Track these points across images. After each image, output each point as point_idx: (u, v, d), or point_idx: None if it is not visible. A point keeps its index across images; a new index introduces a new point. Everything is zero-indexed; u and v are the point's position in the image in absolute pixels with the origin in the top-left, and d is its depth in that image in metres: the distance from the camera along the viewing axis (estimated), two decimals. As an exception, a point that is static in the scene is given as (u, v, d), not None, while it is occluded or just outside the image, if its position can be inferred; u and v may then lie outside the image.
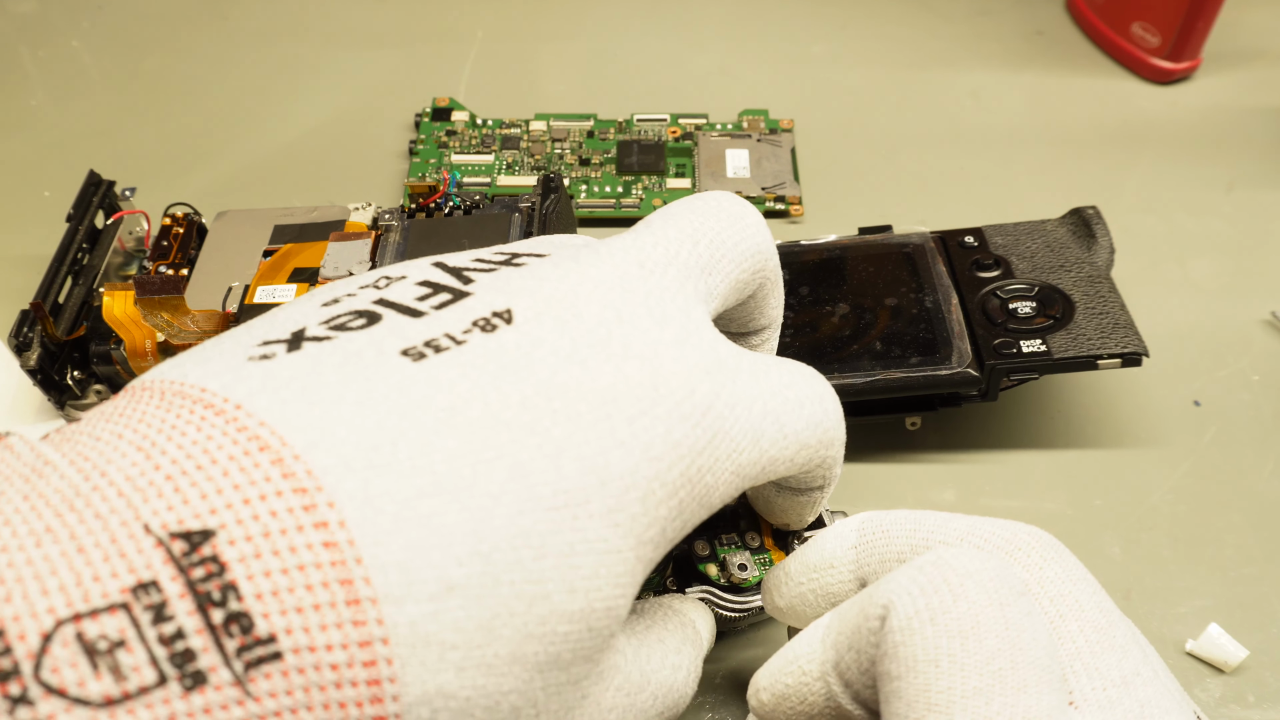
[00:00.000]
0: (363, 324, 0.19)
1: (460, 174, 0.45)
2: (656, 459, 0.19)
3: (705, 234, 0.22)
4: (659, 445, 0.19)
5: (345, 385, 0.17)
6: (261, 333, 0.19)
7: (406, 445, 0.17)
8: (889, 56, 0.53)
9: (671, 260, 0.22)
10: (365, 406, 0.17)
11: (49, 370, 0.35)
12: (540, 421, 0.18)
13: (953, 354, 0.34)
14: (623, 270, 0.21)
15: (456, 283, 0.21)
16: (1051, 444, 0.36)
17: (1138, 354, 0.32)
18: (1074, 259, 0.36)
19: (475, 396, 0.18)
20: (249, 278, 0.36)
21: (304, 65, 0.53)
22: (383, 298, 0.20)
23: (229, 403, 0.16)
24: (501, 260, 0.22)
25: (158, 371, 0.18)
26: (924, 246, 0.37)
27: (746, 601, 0.28)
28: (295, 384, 0.17)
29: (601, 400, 0.18)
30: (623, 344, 0.19)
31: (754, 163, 0.46)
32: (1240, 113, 0.49)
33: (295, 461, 0.16)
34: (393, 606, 0.15)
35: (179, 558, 0.15)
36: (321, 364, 0.18)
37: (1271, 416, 0.37)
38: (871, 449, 0.36)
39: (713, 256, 0.22)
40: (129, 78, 0.52)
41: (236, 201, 0.41)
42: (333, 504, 0.15)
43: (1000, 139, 0.49)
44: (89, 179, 0.39)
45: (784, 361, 0.23)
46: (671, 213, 0.23)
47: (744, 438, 0.21)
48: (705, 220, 0.23)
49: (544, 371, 0.18)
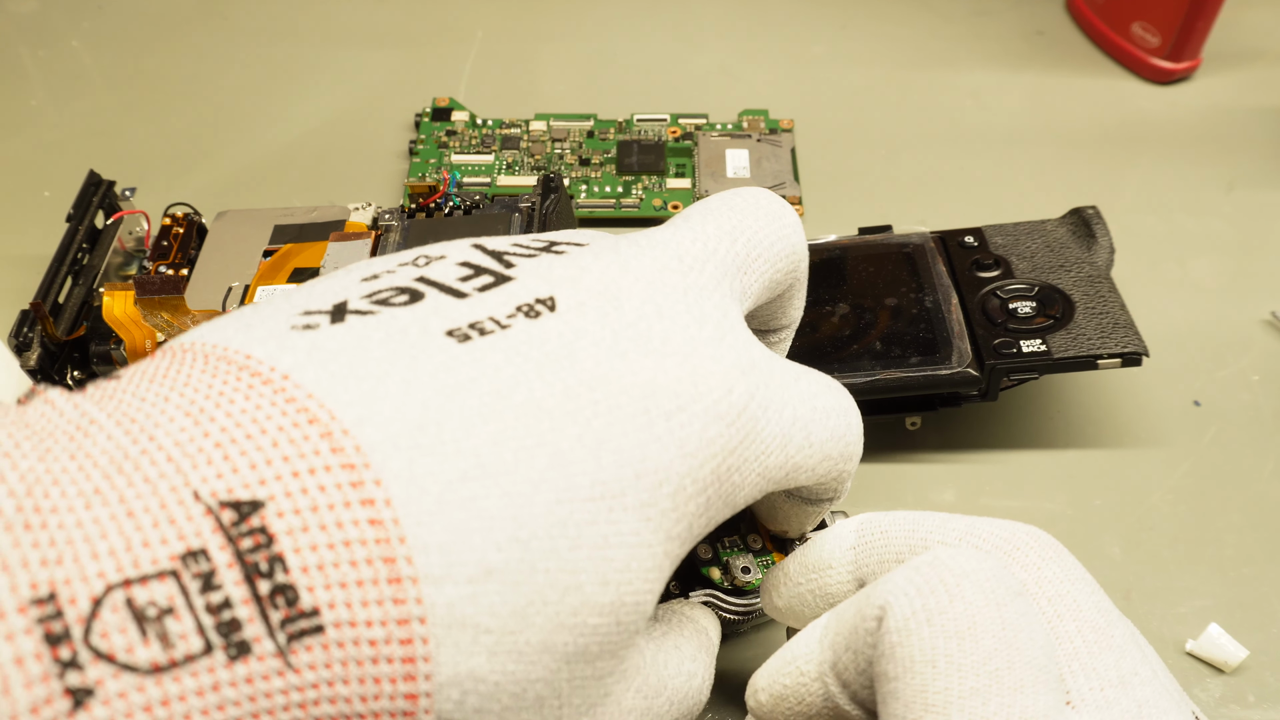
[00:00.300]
0: (405, 300, 0.19)
1: (460, 174, 0.45)
2: (690, 455, 0.19)
3: (743, 232, 0.23)
4: (694, 442, 0.19)
5: (391, 361, 0.17)
6: (302, 302, 0.19)
7: (451, 427, 0.17)
8: (889, 56, 0.53)
9: (710, 257, 0.22)
10: (411, 385, 0.17)
11: (49, 370, 0.35)
12: (582, 412, 0.18)
13: (953, 354, 0.34)
14: (662, 264, 0.21)
15: (498, 266, 0.21)
16: (1051, 444, 0.36)
17: (1138, 354, 0.32)
18: (1074, 259, 0.36)
19: (519, 382, 0.18)
20: (249, 278, 0.36)
21: (304, 65, 0.53)
22: (424, 276, 0.20)
23: (275, 371, 0.16)
24: (541, 246, 0.22)
25: (198, 334, 0.18)
26: (924, 246, 0.37)
27: (749, 604, 0.28)
28: (342, 357, 0.17)
29: (641, 394, 0.19)
30: (662, 339, 0.20)
31: (754, 163, 0.46)
32: (1240, 113, 0.49)
33: (344, 436, 0.16)
34: (432, 587, 0.16)
35: (228, 527, 0.15)
36: (367, 338, 0.18)
37: (1271, 416, 0.37)
38: (871, 449, 0.36)
39: (749, 255, 0.22)
40: (129, 78, 0.52)
41: (236, 201, 0.41)
42: (379, 482, 0.16)
43: (1000, 139, 0.49)
44: (89, 179, 0.39)
45: (810, 371, 0.23)
46: (710, 208, 0.23)
47: (773, 441, 0.21)
48: (744, 218, 0.23)
49: (587, 362, 0.19)
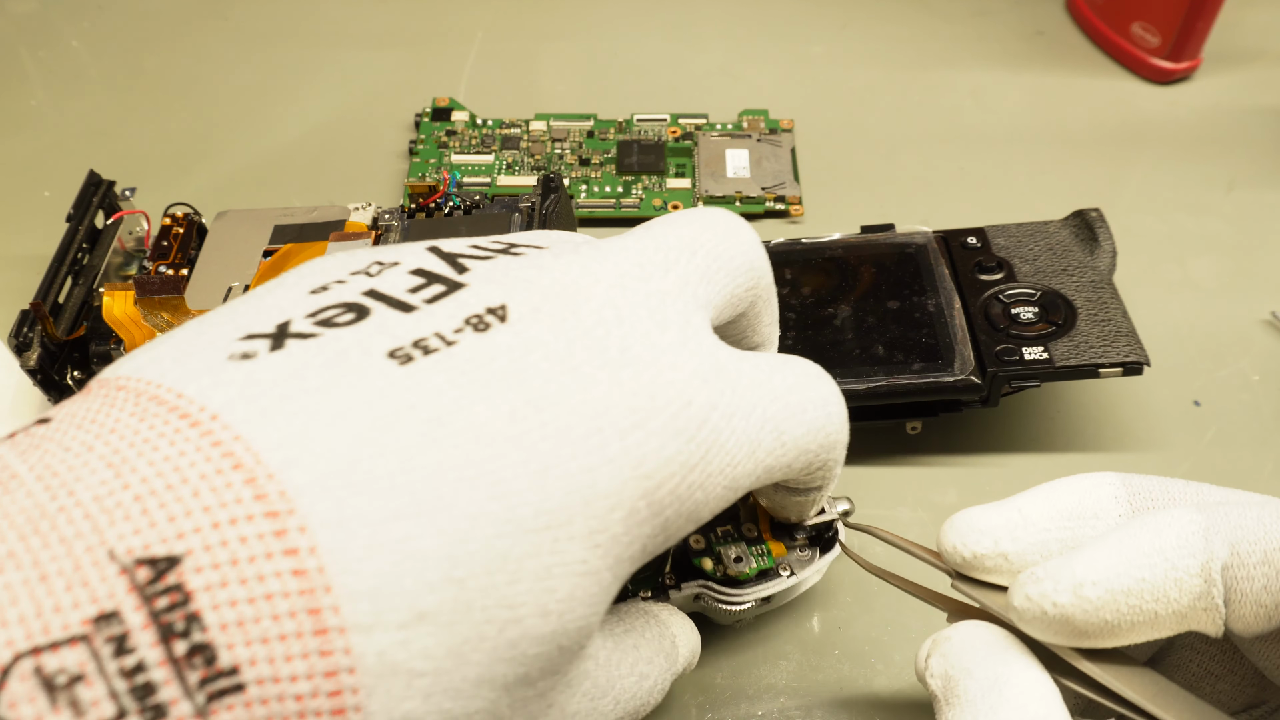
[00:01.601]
0: (350, 319, 0.18)
1: (460, 174, 0.45)
2: (646, 477, 0.18)
3: (703, 245, 0.22)
4: (650, 462, 0.18)
5: (326, 392, 0.17)
6: (246, 322, 0.18)
7: (385, 461, 0.16)
8: (889, 56, 0.53)
9: (671, 266, 0.21)
10: (346, 418, 0.16)
11: (49, 370, 0.35)
12: (528, 435, 0.17)
13: (955, 360, 0.33)
14: (623, 269, 0.21)
15: (451, 271, 0.20)
16: (1052, 447, 0.36)
17: (1139, 363, 0.32)
18: (1076, 263, 0.36)
19: (461, 407, 0.17)
20: (249, 278, 0.36)
21: (304, 65, 0.53)
22: (373, 288, 0.19)
23: (205, 412, 0.16)
24: (499, 248, 0.21)
25: (134, 364, 0.17)
26: (927, 247, 0.37)
27: (744, 594, 0.28)
28: (275, 390, 0.16)
29: (594, 412, 0.18)
30: (620, 347, 0.19)
31: (754, 163, 0.46)
32: (1240, 113, 0.49)
33: (269, 481, 0.15)
34: (361, 636, 0.15)
35: (143, 586, 0.14)
36: (305, 366, 0.17)
37: (1271, 416, 0.37)
38: (872, 452, 0.36)
39: (709, 267, 0.22)
40: (129, 78, 0.52)
41: (236, 201, 0.41)
42: (304, 529, 0.15)
43: (1000, 139, 0.49)
44: (89, 179, 0.39)
45: (789, 361, 0.23)
46: (669, 222, 0.23)
47: (740, 450, 0.20)
48: (702, 232, 0.22)
49: (536, 380, 0.18)
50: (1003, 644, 0.21)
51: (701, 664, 0.31)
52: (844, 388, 0.33)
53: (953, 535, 0.22)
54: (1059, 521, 0.22)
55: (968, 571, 0.23)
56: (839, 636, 0.31)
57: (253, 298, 0.20)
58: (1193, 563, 0.19)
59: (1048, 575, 0.20)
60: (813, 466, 0.23)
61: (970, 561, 0.22)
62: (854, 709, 0.30)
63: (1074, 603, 0.19)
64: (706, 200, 0.44)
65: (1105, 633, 0.19)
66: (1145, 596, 0.19)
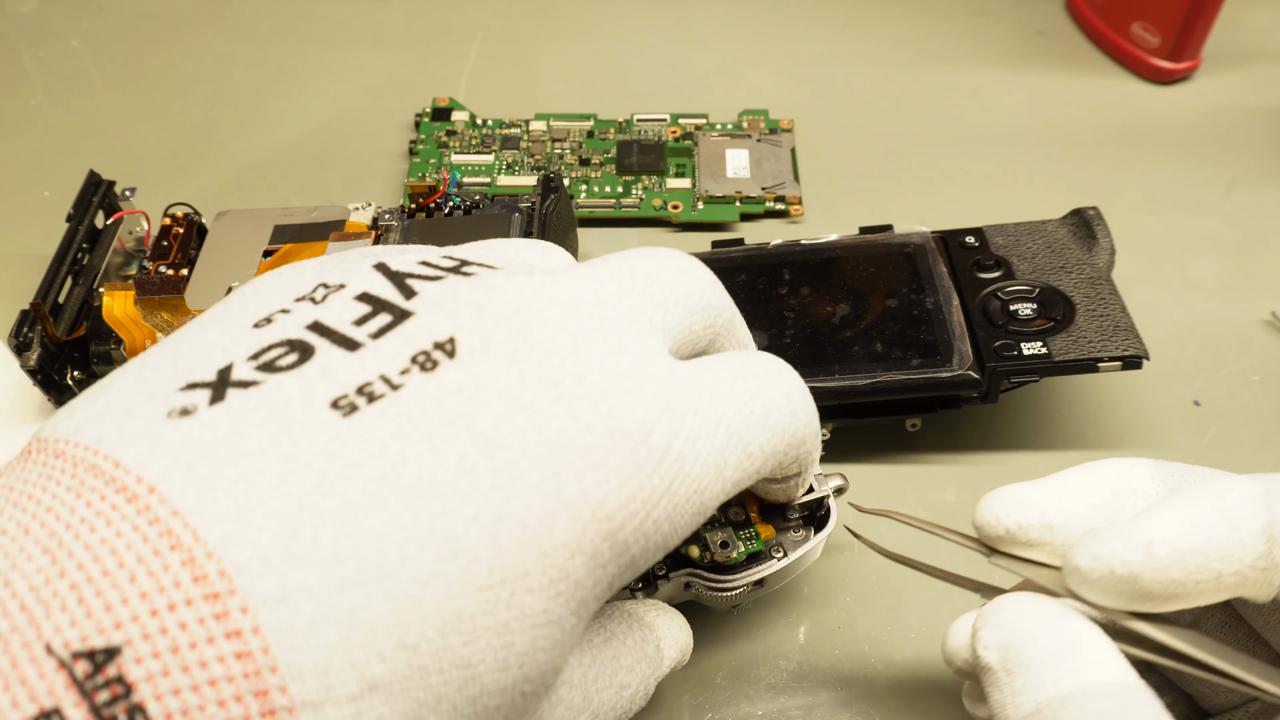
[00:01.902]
0: (293, 361, 0.18)
1: (460, 174, 0.45)
2: (607, 519, 0.17)
3: (659, 277, 0.21)
4: (611, 502, 0.17)
5: (267, 454, 0.16)
6: (187, 366, 0.18)
7: (329, 528, 0.15)
8: (889, 56, 0.53)
9: (626, 293, 0.20)
10: (288, 482, 0.16)
11: (49, 370, 0.35)
12: (478, 487, 0.16)
13: (953, 356, 0.34)
14: (577, 294, 0.20)
15: (398, 297, 0.19)
16: (1052, 445, 0.36)
17: (1138, 357, 0.32)
18: (1075, 260, 0.36)
19: (408, 459, 0.16)
20: (249, 278, 0.36)
21: (304, 65, 0.53)
22: (317, 320, 0.18)
23: (142, 484, 0.15)
24: (451, 266, 0.20)
25: (73, 423, 0.17)
26: (925, 246, 0.37)
27: (735, 579, 0.28)
28: (214, 455, 0.16)
29: (548, 453, 0.17)
30: (575, 376, 0.18)
31: (754, 163, 0.46)
32: (1240, 113, 0.49)
33: (208, 560, 0.15)
34: (311, 713, 0.15)
35: (82, 681, 0.14)
36: (244, 423, 0.16)
37: (1271, 416, 0.37)
38: (871, 450, 0.36)
39: (666, 299, 0.21)
40: (129, 78, 0.52)
41: (236, 201, 0.41)
42: (246, 609, 0.15)
43: (1000, 139, 0.49)
44: (89, 179, 0.39)
45: (747, 361, 0.22)
46: (624, 256, 0.22)
47: (706, 474, 0.19)
48: (658, 266, 0.21)
49: (486, 421, 0.17)
50: (1063, 611, 0.21)
51: (701, 664, 0.31)
52: (843, 384, 0.34)
53: (995, 508, 0.22)
54: (1102, 496, 0.22)
55: (1006, 546, 0.22)
56: (839, 636, 0.31)
57: (196, 330, 0.19)
58: (1255, 523, 0.19)
59: (1115, 534, 0.20)
60: (785, 464, 0.22)
61: (1013, 534, 0.22)
62: (854, 709, 0.30)
63: (1144, 560, 0.19)
64: (707, 200, 0.44)
65: (1170, 593, 0.19)
66: (1211, 555, 0.19)
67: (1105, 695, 0.18)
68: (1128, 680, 0.19)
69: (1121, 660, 0.19)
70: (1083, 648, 0.19)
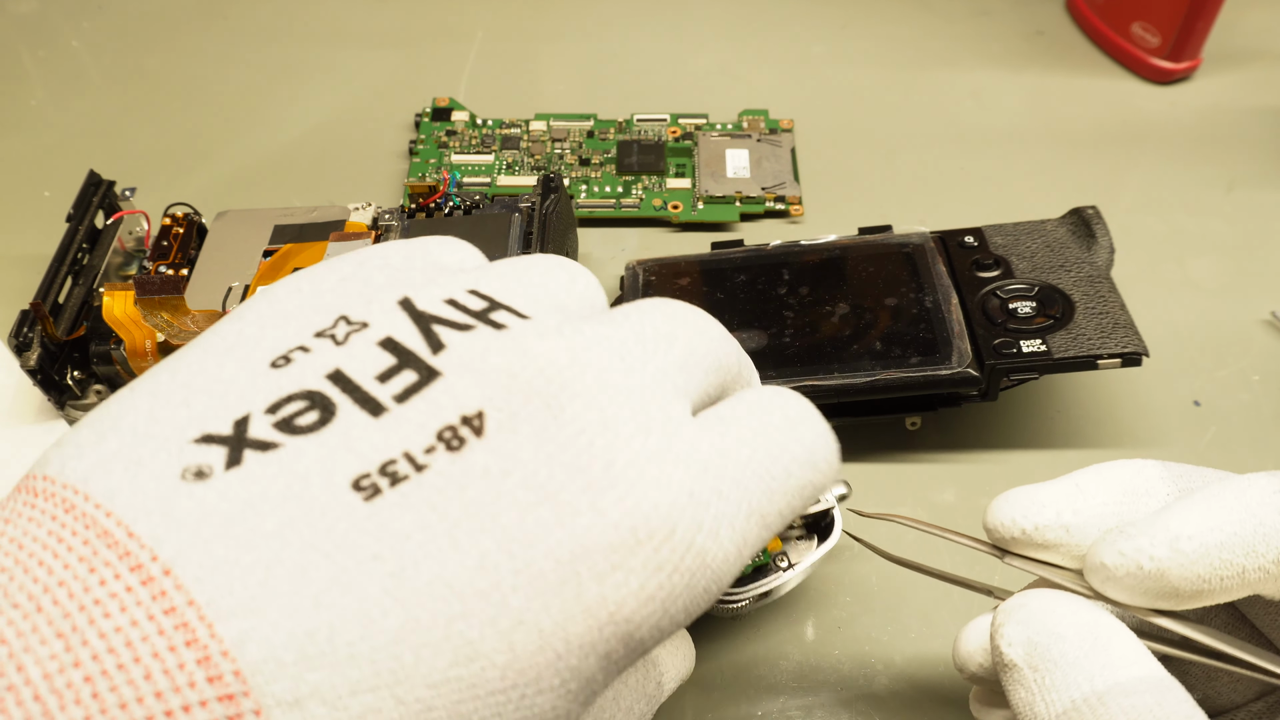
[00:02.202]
0: (314, 422, 0.17)
1: (460, 174, 0.45)
2: (625, 621, 0.17)
3: (679, 338, 0.20)
4: (630, 605, 0.17)
5: (286, 538, 0.16)
6: (201, 410, 0.17)
7: (346, 629, 0.15)
8: (889, 56, 0.53)
9: (650, 358, 0.19)
10: (306, 575, 0.15)
11: (49, 370, 0.35)
12: (498, 588, 0.16)
13: (953, 354, 0.34)
14: (606, 362, 0.19)
15: (425, 350, 0.18)
16: (1051, 444, 0.36)
17: (1138, 354, 0.32)
18: (1074, 259, 0.36)
19: (428, 555, 0.16)
20: (249, 278, 0.36)
21: (304, 65, 0.53)
22: (339, 370, 0.18)
23: (157, 563, 0.15)
24: (479, 310, 0.19)
25: (80, 467, 0.16)
26: (924, 246, 0.37)
27: (739, 592, 0.28)
28: (231, 534, 0.15)
29: (570, 554, 0.17)
30: (604, 462, 0.17)
31: (754, 163, 0.46)
32: (1240, 113, 0.49)
33: (224, 660, 0.14)
34: None
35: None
36: (263, 498, 0.16)
37: (1271, 416, 0.37)
38: (871, 449, 0.36)
39: (687, 360, 0.20)
40: (129, 78, 0.52)
41: (236, 201, 0.41)
42: (259, 712, 0.14)
43: (1000, 139, 0.49)
44: (89, 179, 0.39)
45: (768, 415, 0.21)
46: (641, 311, 0.21)
47: (727, 562, 0.18)
48: (676, 329, 0.21)
49: (511, 514, 0.17)
50: (1089, 606, 0.20)
51: (702, 664, 0.31)
52: (842, 383, 0.34)
53: (1009, 509, 0.22)
54: (1116, 496, 0.22)
55: (1020, 548, 0.22)
56: (839, 636, 0.31)
57: (211, 359, 0.18)
58: (1279, 518, 0.19)
59: (1141, 530, 0.20)
60: (799, 512, 0.22)
61: (1029, 535, 0.22)
62: (854, 709, 0.30)
63: (1170, 556, 0.19)
64: (707, 200, 0.44)
65: (1196, 590, 0.19)
66: (1237, 551, 0.19)
67: (1143, 691, 0.18)
68: (1161, 676, 0.19)
69: (1151, 656, 0.19)
70: (1113, 643, 0.19)
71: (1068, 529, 0.22)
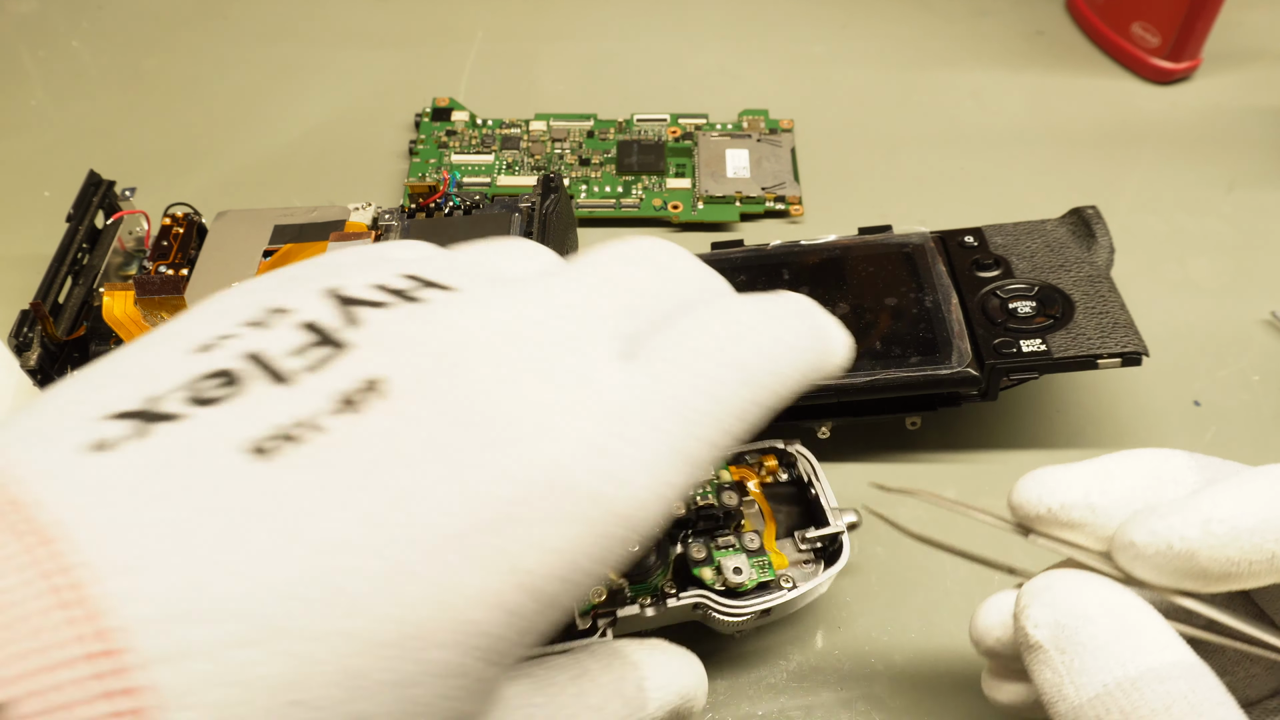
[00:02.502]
0: (221, 395, 0.17)
1: (460, 174, 0.45)
2: (526, 573, 0.17)
3: (626, 280, 0.20)
4: (529, 557, 0.17)
5: (178, 500, 0.16)
6: (118, 391, 0.17)
7: (231, 583, 0.15)
8: (889, 56, 0.53)
9: (578, 307, 0.19)
10: (195, 534, 0.15)
11: (49, 370, 0.35)
12: (390, 544, 0.16)
13: (952, 353, 0.34)
14: (525, 315, 0.19)
15: (343, 326, 0.18)
16: (1052, 444, 0.36)
17: (1138, 353, 0.32)
18: (1074, 259, 0.36)
19: (320, 512, 0.16)
20: (249, 277, 0.36)
21: (304, 65, 0.53)
22: (256, 350, 0.18)
23: (51, 527, 0.15)
24: (402, 289, 0.19)
25: (2, 438, 0.17)
26: (924, 246, 0.37)
27: (743, 606, 0.28)
28: (127, 499, 0.16)
29: (465, 507, 0.17)
30: (506, 420, 0.17)
31: (754, 163, 0.46)
32: (1240, 113, 0.49)
33: (107, 615, 0.15)
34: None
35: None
36: (162, 464, 0.16)
37: (1271, 416, 0.37)
38: (871, 449, 0.36)
39: (632, 304, 0.20)
40: (129, 78, 0.52)
41: (236, 201, 0.41)
42: (139, 667, 0.14)
43: (1000, 139, 0.49)
44: (89, 179, 0.39)
45: (716, 325, 0.20)
46: (598, 256, 0.21)
47: (644, 509, 0.18)
48: (626, 268, 0.20)
49: (405, 473, 0.17)
50: (1118, 589, 0.20)
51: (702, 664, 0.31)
52: (842, 382, 0.34)
53: (1035, 486, 0.22)
54: (1144, 481, 0.22)
55: (1045, 526, 0.22)
56: (839, 637, 0.31)
57: (141, 349, 0.19)
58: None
59: (1173, 510, 0.20)
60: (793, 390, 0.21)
61: (1055, 513, 0.22)
62: (854, 709, 0.30)
63: (1202, 538, 0.19)
64: (707, 200, 0.44)
65: (1225, 573, 0.20)
66: (1269, 536, 0.19)
67: (1177, 677, 0.18)
68: (1194, 662, 0.19)
69: (1182, 642, 0.19)
70: (1145, 628, 0.19)
71: (1094, 509, 0.22)
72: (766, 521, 0.29)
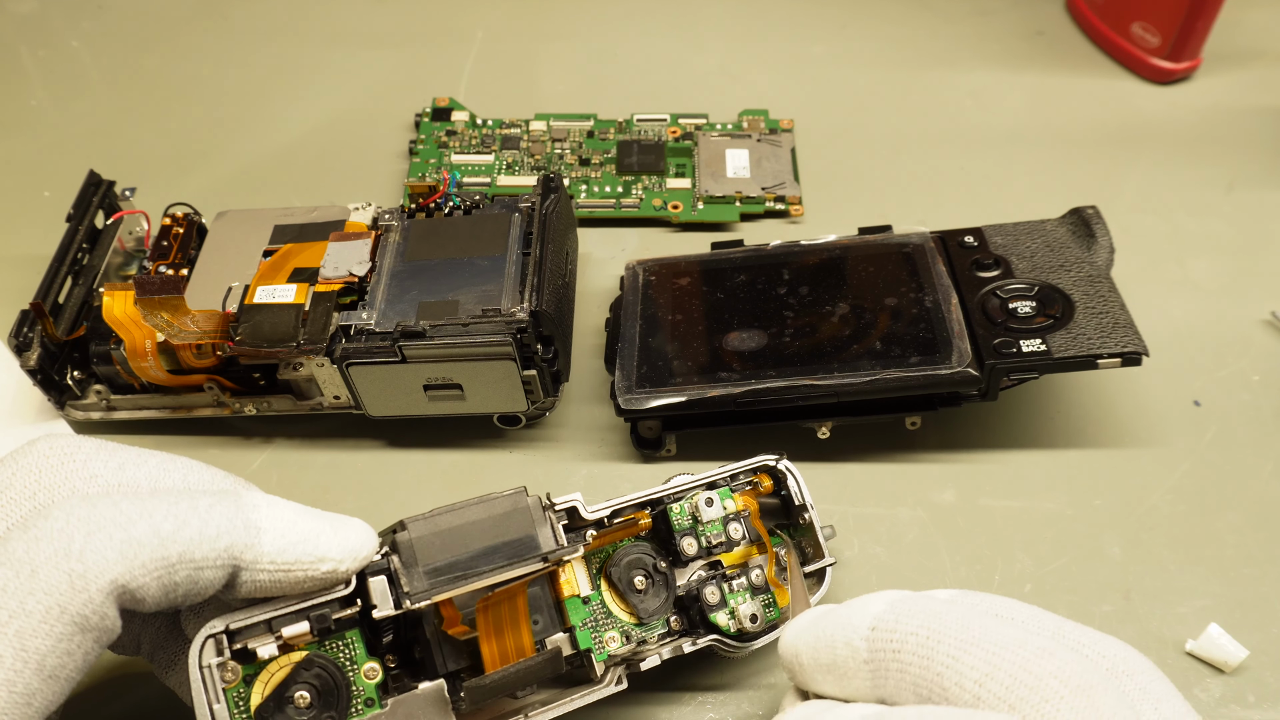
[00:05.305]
0: None
1: (460, 174, 0.45)
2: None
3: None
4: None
5: None
6: None
7: None
8: (889, 56, 0.53)
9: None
10: None
11: (49, 370, 0.35)
12: None
13: (953, 353, 0.34)
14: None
15: None
16: (1051, 444, 0.36)
17: (1137, 353, 0.32)
18: (1074, 259, 0.36)
19: None
20: (249, 278, 0.36)
21: (304, 65, 0.53)
22: None
23: None
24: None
25: None
26: (924, 246, 0.37)
27: (752, 645, 0.29)
28: None
29: None
30: None
31: (754, 163, 0.46)
32: (1240, 113, 0.49)
33: None
34: None
35: None
36: None
37: (1271, 416, 0.37)
38: (872, 449, 0.36)
39: None
40: (129, 78, 0.52)
41: (236, 201, 0.41)
42: None
43: (1000, 139, 0.49)
44: (89, 179, 0.39)
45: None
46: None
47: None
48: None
49: None
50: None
51: (701, 665, 0.31)
52: (842, 382, 0.34)
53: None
54: (822, 673, 0.23)
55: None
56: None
57: None
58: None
59: None
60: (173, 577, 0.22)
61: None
62: (854, 708, 0.30)
63: None
64: (706, 200, 0.44)
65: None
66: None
67: None
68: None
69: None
70: None
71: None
72: (768, 552, 0.30)
